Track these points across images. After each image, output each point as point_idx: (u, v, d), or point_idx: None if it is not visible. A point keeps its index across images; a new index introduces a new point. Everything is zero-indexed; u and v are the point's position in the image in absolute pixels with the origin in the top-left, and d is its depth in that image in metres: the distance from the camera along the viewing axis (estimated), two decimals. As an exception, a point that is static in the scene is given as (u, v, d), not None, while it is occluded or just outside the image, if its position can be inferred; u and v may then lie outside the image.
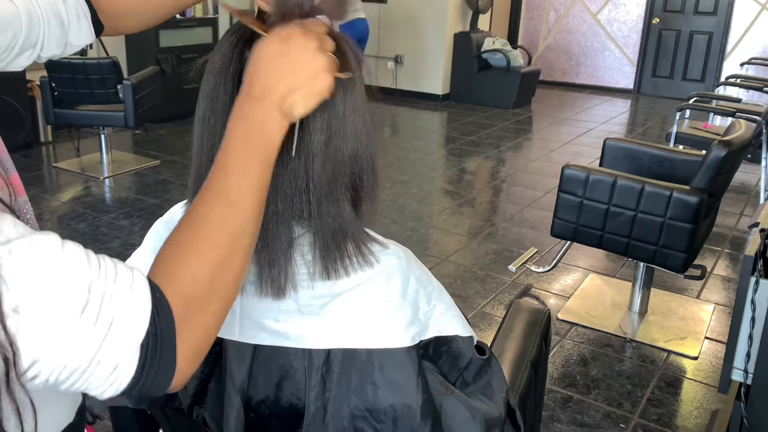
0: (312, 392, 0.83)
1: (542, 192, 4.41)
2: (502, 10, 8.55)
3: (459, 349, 0.92)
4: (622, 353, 2.55)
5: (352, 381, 0.83)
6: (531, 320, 1.39)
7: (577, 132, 6.24)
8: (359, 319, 0.82)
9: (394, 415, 0.83)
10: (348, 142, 0.81)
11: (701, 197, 2.36)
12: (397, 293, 0.84)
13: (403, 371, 0.83)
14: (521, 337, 1.33)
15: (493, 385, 0.95)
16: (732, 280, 3.19)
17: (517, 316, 1.40)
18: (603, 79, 8.55)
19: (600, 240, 2.60)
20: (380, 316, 0.83)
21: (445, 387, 0.89)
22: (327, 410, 0.83)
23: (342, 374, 0.83)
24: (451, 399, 0.89)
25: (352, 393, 0.83)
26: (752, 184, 4.74)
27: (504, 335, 1.34)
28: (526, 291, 3.03)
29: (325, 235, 0.82)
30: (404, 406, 0.83)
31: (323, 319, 0.82)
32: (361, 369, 0.83)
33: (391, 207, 4.07)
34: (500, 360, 1.17)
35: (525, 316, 1.40)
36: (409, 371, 0.83)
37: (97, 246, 3.28)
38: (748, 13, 7.50)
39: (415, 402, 0.83)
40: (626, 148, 2.90)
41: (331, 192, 0.81)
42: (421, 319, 0.86)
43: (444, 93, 7.42)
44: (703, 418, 2.19)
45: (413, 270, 0.89)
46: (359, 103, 0.82)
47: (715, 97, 4.99)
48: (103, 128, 4.48)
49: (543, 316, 1.40)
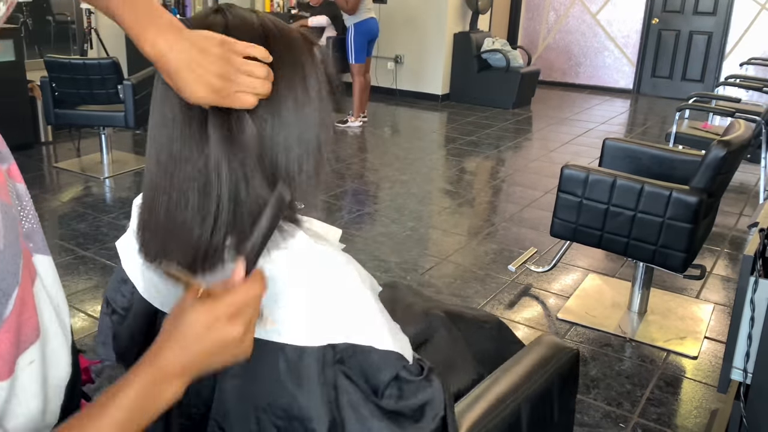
0: (223, 375, 0.84)
1: (542, 192, 4.41)
2: (501, 10, 8.55)
3: (376, 362, 0.84)
4: (621, 353, 2.55)
5: (257, 371, 0.83)
6: (545, 355, 1.25)
7: (576, 132, 6.25)
8: (270, 311, 0.81)
9: (290, 414, 0.82)
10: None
11: (701, 197, 2.36)
12: (311, 291, 0.81)
13: (304, 372, 0.81)
14: (523, 371, 1.20)
15: (427, 410, 0.87)
16: (731, 280, 3.20)
17: (532, 350, 1.27)
18: (602, 79, 8.56)
19: (599, 240, 2.61)
20: (290, 311, 0.81)
21: (354, 401, 0.83)
22: (233, 395, 0.84)
23: (248, 362, 0.82)
24: (356, 415, 0.83)
25: (257, 383, 0.83)
26: (752, 184, 4.74)
27: (506, 367, 1.22)
28: (526, 291, 3.03)
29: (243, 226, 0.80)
30: (300, 407, 0.82)
31: None
32: (265, 360, 0.82)
33: (391, 207, 4.08)
34: (483, 393, 1.11)
35: (540, 350, 1.26)
36: (310, 373, 0.81)
37: (97, 246, 3.29)
38: (747, 13, 7.51)
39: (313, 407, 0.82)
40: (626, 148, 2.90)
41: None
42: (336, 322, 0.82)
43: (444, 93, 7.42)
44: (703, 417, 2.19)
45: (336, 271, 0.84)
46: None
47: (714, 97, 5.00)
48: (104, 128, 4.48)
49: (563, 354, 1.26)
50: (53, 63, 4.16)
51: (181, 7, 6.83)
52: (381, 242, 3.51)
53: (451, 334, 1.33)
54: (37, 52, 5.20)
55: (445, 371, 1.24)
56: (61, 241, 3.35)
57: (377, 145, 5.79)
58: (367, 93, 6.20)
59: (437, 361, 1.24)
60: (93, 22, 5.36)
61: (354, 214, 3.96)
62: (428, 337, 1.32)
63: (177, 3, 6.78)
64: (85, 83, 4.17)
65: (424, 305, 1.42)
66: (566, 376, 1.26)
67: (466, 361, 1.29)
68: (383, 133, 6.17)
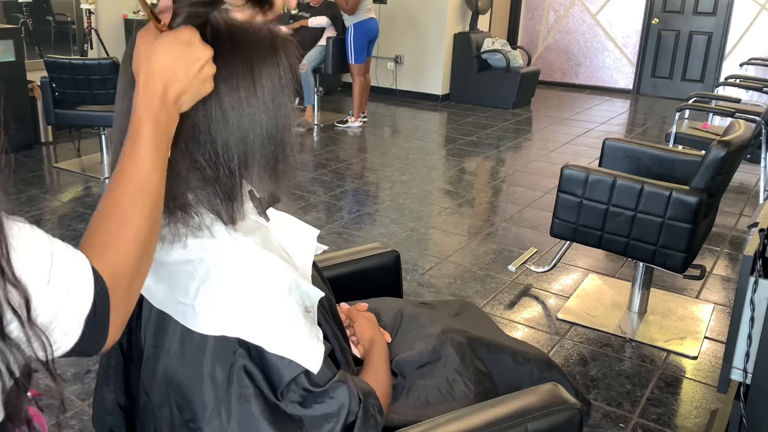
0: (148, 342, 0.90)
1: (542, 192, 4.41)
2: (501, 10, 8.55)
3: (273, 364, 0.85)
4: (621, 353, 2.55)
5: (166, 344, 0.88)
6: (530, 404, 1.08)
7: (576, 132, 6.25)
8: (177, 291, 0.86)
9: (182, 393, 0.87)
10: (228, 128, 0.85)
11: (700, 197, 2.36)
12: (213, 282, 0.85)
13: (195, 355, 0.85)
14: (492, 414, 1.06)
15: (326, 423, 0.88)
16: (731, 280, 3.20)
17: (524, 394, 1.12)
18: (602, 79, 8.56)
19: (599, 240, 2.61)
20: (192, 297, 0.85)
21: (246, 395, 0.85)
22: (153, 363, 0.89)
23: (160, 335, 0.88)
24: (242, 409, 0.85)
25: (166, 356, 0.88)
26: (751, 184, 4.74)
27: (480, 406, 1.09)
28: (526, 291, 3.03)
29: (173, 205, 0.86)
30: (189, 389, 0.86)
31: (160, 279, 0.88)
32: (170, 336, 0.87)
33: (391, 207, 4.08)
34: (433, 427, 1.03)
35: (528, 398, 1.10)
36: (199, 357, 0.85)
37: (97, 246, 3.28)
38: (747, 13, 7.51)
39: (198, 391, 0.85)
40: (626, 148, 2.90)
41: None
42: (231, 316, 0.85)
43: (444, 93, 7.42)
44: (703, 417, 2.19)
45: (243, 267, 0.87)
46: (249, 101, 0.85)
47: (714, 97, 5.00)
48: (104, 129, 4.48)
49: (556, 408, 1.07)
50: (53, 63, 4.16)
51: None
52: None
53: (464, 363, 1.24)
54: (37, 52, 5.20)
55: (441, 399, 1.18)
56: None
57: (377, 145, 5.79)
58: (367, 93, 6.20)
59: (433, 387, 1.18)
60: (93, 23, 5.36)
61: (354, 214, 3.96)
62: (434, 359, 1.25)
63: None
64: (85, 83, 4.17)
65: (448, 326, 1.32)
66: None
67: (470, 395, 1.20)
68: (383, 133, 6.18)
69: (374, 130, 6.15)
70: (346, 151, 5.42)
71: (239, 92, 0.83)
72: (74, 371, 2.30)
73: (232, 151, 0.85)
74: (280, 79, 0.86)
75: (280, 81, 0.86)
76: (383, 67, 7.57)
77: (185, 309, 0.86)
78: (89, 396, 2.16)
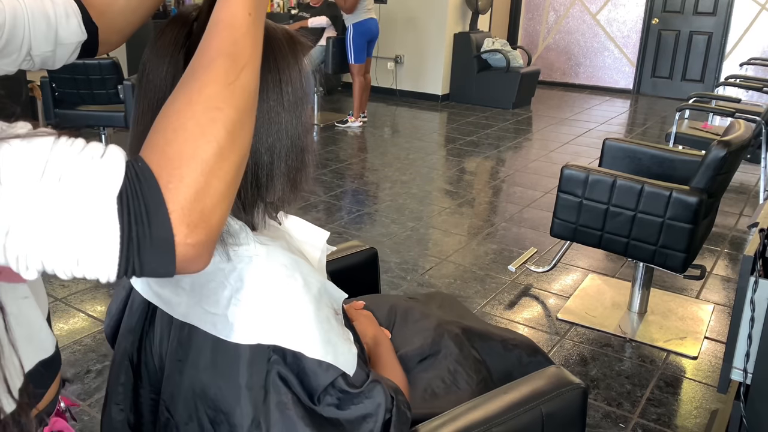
0: (170, 357, 0.87)
1: (542, 192, 4.41)
2: (501, 10, 8.55)
3: (311, 369, 0.84)
4: (621, 353, 2.55)
5: (196, 358, 0.85)
6: (540, 387, 1.14)
7: (576, 132, 6.25)
8: (208, 303, 0.83)
9: (217, 406, 0.84)
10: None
11: (700, 197, 2.36)
12: (246, 290, 0.82)
13: (231, 366, 0.83)
14: (508, 400, 1.11)
15: (364, 424, 0.88)
16: (731, 280, 3.20)
17: (531, 379, 1.17)
18: (602, 79, 8.56)
19: (599, 240, 2.61)
20: (225, 307, 0.82)
21: (284, 403, 0.84)
22: (177, 378, 0.87)
23: (188, 349, 0.85)
24: (282, 417, 0.83)
25: (196, 370, 0.85)
26: (752, 184, 4.74)
27: (493, 393, 1.14)
28: (526, 291, 3.03)
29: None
30: (225, 400, 0.84)
31: (185, 292, 0.85)
32: (201, 349, 0.84)
33: (391, 207, 4.08)
34: (455, 417, 1.07)
35: (537, 382, 1.16)
36: (236, 368, 0.82)
37: (97, 246, 3.28)
38: (747, 13, 7.51)
39: (236, 402, 0.83)
40: (626, 148, 2.90)
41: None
42: (267, 323, 0.83)
43: (444, 93, 7.42)
44: (703, 417, 2.19)
45: (273, 273, 0.85)
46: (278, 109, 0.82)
47: (714, 97, 4.99)
48: (104, 128, 4.48)
49: (563, 390, 1.15)
50: (53, 63, 4.16)
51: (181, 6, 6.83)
52: (381, 242, 3.51)
53: (463, 353, 1.28)
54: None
55: (446, 390, 1.21)
56: (61, 241, 3.33)
57: (377, 145, 5.78)
58: (367, 93, 6.20)
59: (438, 378, 1.22)
60: (93, 22, 5.35)
61: (354, 214, 3.96)
62: (434, 352, 1.28)
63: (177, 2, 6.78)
64: (85, 83, 4.17)
65: (438, 319, 1.36)
66: (564, 415, 1.14)
67: (472, 383, 1.24)
68: (383, 133, 6.17)
69: (374, 130, 6.15)
70: (346, 151, 5.42)
71: (269, 102, 0.80)
72: (74, 371, 2.30)
73: (262, 160, 0.82)
74: (301, 85, 0.83)
75: (302, 87, 0.84)
76: (383, 67, 7.57)
77: (216, 319, 0.83)
78: (89, 396, 2.16)
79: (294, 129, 0.83)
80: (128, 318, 0.95)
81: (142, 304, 0.93)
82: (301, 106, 0.84)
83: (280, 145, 0.82)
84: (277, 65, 0.81)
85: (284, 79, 0.81)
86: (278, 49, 0.82)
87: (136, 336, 0.93)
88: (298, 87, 0.83)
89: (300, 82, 0.83)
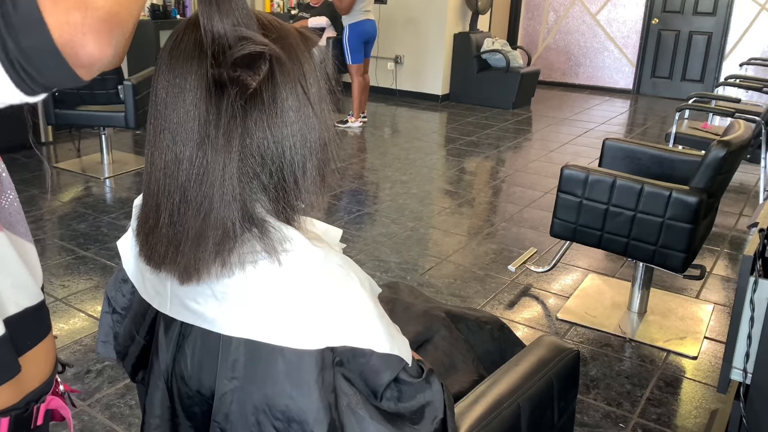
0: (222, 377, 0.84)
1: (542, 192, 4.41)
2: (501, 10, 8.55)
3: (376, 365, 0.84)
4: (621, 353, 2.55)
5: (257, 372, 0.83)
6: (544, 356, 1.26)
7: (576, 132, 6.25)
8: (268, 314, 0.81)
9: (289, 416, 0.83)
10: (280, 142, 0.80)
11: (700, 197, 2.36)
12: (309, 294, 0.81)
13: (302, 374, 0.81)
14: (522, 372, 1.21)
15: (426, 411, 0.88)
16: (731, 280, 3.20)
17: (531, 351, 1.28)
18: (602, 79, 8.56)
19: (599, 240, 2.61)
20: (288, 314, 0.81)
21: (353, 404, 0.84)
22: (234, 397, 0.84)
23: (248, 364, 0.83)
24: (355, 418, 0.84)
25: (256, 384, 0.83)
26: (751, 184, 4.74)
27: (505, 368, 1.22)
28: (526, 291, 3.03)
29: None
30: (299, 409, 0.82)
31: (235, 306, 0.82)
32: (264, 362, 0.83)
33: (391, 207, 4.08)
34: (483, 394, 1.13)
35: (539, 351, 1.27)
36: (308, 375, 0.81)
37: (97, 246, 3.29)
38: (747, 13, 7.51)
39: (311, 409, 0.82)
40: (625, 148, 2.91)
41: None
42: (334, 325, 0.82)
43: (444, 93, 7.42)
44: (703, 417, 2.19)
45: (333, 274, 0.84)
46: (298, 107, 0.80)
47: (714, 97, 5.00)
48: (104, 129, 4.48)
49: (563, 355, 1.28)
50: (53, 63, 4.16)
51: (181, 7, 6.83)
52: (381, 242, 3.51)
53: (452, 335, 1.33)
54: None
55: (445, 372, 1.25)
56: (62, 241, 3.35)
57: (377, 145, 5.79)
58: (366, 93, 6.20)
59: (438, 362, 1.26)
60: (93, 23, 5.35)
61: (354, 214, 3.96)
62: (429, 337, 1.32)
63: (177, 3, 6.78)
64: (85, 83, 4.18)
65: (424, 305, 1.42)
66: (566, 377, 1.25)
67: (467, 362, 1.29)
68: (383, 133, 6.18)
69: (374, 130, 6.15)
70: (346, 151, 5.42)
71: (297, 98, 0.80)
72: (74, 371, 2.30)
73: (296, 156, 0.81)
74: (317, 78, 0.83)
75: (319, 80, 0.83)
76: (383, 67, 7.57)
77: (277, 329, 0.81)
78: (89, 396, 2.16)
79: (320, 121, 0.82)
80: (155, 346, 0.93)
81: (143, 318, 0.93)
82: (324, 100, 0.83)
83: (312, 137, 0.81)
84: (298, 58, 0.80)
85: (308, 70, 0.81)
86: (296, 44, 0.81)
87: (169, 365, 0.91)
88: (318, 80, 0.83)
89: (316, 75, 0.83)
